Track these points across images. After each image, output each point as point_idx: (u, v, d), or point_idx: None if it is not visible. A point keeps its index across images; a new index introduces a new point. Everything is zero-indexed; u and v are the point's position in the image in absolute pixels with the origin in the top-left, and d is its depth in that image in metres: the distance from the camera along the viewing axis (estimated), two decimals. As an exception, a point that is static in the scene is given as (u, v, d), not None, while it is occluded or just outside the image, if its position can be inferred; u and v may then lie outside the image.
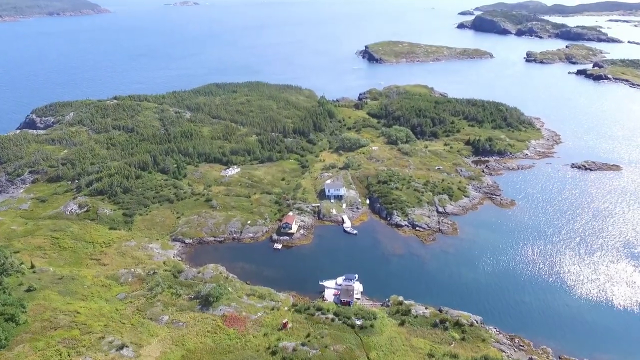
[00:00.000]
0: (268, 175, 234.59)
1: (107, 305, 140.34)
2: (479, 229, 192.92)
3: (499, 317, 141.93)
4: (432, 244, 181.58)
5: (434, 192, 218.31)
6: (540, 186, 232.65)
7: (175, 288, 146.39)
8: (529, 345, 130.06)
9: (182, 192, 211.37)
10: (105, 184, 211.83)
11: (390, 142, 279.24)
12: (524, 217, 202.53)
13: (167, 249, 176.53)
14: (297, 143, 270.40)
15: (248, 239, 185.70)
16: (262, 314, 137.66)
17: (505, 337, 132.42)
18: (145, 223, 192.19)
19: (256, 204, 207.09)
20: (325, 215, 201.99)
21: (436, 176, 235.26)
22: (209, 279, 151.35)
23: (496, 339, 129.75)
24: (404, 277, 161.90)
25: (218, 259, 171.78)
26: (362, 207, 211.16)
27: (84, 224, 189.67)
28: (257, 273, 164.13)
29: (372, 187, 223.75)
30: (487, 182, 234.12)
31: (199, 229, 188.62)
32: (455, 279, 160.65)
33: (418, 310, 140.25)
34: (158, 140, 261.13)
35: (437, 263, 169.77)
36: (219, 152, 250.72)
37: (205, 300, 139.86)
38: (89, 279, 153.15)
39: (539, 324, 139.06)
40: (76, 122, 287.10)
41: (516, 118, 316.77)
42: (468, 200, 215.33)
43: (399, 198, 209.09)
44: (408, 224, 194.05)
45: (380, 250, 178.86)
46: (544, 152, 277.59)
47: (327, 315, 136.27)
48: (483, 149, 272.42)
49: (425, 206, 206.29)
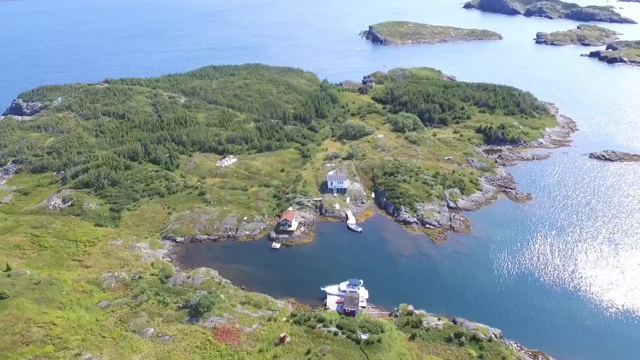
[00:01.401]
0: (266, 165, 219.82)
1: (87, 314, 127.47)
2: (493, 226, 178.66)
3: (518, 330, 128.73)
4: (443, 243, 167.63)
5: (444, 185, 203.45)
6: (557, 178, 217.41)
7: (162, 295, 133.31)
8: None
9: (174, 185, 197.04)
10: (92, 175, 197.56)
11: (397, 129, 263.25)
12: (542, 212, 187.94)
13: (156, 249, 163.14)
14: (297, 130, 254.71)
15: (244, 237, 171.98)
16: (257, 326, 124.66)
17: (528, 354, 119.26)
18: (134, 219, 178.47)
19: (253, 197, 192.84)
20: (328, 211, 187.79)
21: (446, 167, 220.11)
22: (200, 284, 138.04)
23: (518, 356, 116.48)
24: (414, 281, 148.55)
25: (211, 260, 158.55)
26: (367, 201, 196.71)
27: (68, 220, 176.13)
28: (253, 276, 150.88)
29: (377, 179, 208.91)
30: (500, 173, 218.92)
31: (191, 225, 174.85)
32: (469, 283, 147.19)
33: (430, 321, 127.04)
34: (150, 127, 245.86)
35: (450, 265, 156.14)
36: (215, 141, 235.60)
37: (195, 310, 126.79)
38: (69, 283, 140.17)
39: (564, 337, 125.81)
40: (64, 108, 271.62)
41: (529, 104, 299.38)
42: (481, 194, 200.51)
43: (406, 192, 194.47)
44: (417, 221, 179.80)
45: (387, 250, 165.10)
46: (560, 140, 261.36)
47: (329, 328, 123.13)
48: (495, 137, 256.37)
49: (435, 201, 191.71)
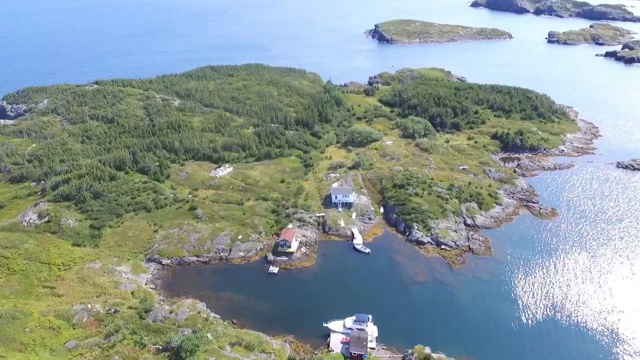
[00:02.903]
0: (265, 176, 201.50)
1: (51, 358, 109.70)
2: (517, 247, 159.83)
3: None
4: (461, 268, 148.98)
5: (460, 198, 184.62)
6: (583, 190, 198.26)
7: (139, 334, 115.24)
8: None
9: (163, 199, 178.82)
10: (73, 187, 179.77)
11: (407, 135, 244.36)
12: (569, 230, 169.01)
13: (139, 273, 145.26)
14: (299, 136, 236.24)
15: (238, 259, 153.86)
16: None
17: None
18: (116, 238, 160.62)
19: (250, 213, 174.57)
20: (332, 228, 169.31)
21: (461, 178, 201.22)
22: (184, 321, 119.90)
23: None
24: (429, 315, 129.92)
25: (200, 287, 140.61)
26: (375, 217, 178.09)
27: (43, 239, 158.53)
28: (247, 308, 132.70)
29: (386, 192, 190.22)
30: (521, 185, 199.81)
31: (179, 246, 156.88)
32: (493, 319, 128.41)
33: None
34: (140, 132, 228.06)
35: (470, 295, 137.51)
36: (210, 148, 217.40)
37: (177, 354, 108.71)
38: (35, 317, 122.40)
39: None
40: (50, 111, 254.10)
41: (547, 107, 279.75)
42: (501, 209, 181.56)
43: (419, 207, 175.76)
44: (431, 241, 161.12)
45: (398, 275, 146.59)
46: (583, 147, 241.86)
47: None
48: (513, 144, 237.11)
49: (450, 217, 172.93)
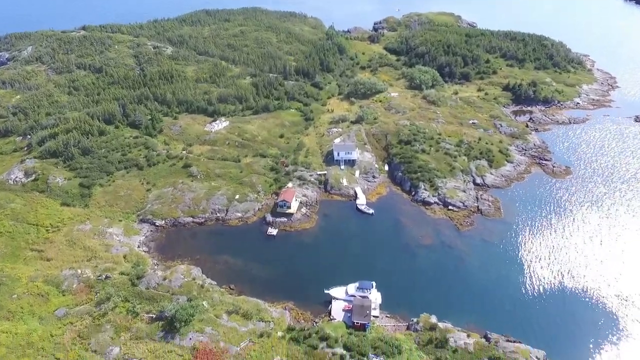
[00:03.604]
0: (263, 130, 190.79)
1: (40, 327, 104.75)
2: (528, 208, 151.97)
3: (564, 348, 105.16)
4: (469, 231, 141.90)
5: (469, 156, 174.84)
6: (599, 146, 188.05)
7: (132, 302, 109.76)
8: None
9: (155, 155, 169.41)
10: (60, 143, 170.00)
11: (413, 86, 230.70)
12: (584, 191, 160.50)
13: (131, 235, 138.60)
14: (299, 87, 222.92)
15: (235, 220, 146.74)
16: (246, 344, 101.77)
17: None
18: (107, 197, 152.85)
19: (247, 171, 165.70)
20: (334, 187, 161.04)
21: (471, 133, 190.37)
22: (178, 288, 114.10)
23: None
24: (435, 281, 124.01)
25: (195, 250, 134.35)
26: (380, 175, 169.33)
27: (31, 198, 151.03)
28: (245, 272, 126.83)
29: (391, 148, 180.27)
30: (533, 141, 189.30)
31: (173, 206, 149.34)
32: (501, 285, 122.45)
33: (458, 339, 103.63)
34: (131, 83, 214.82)
35: (478, 259, 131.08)
36: (204, 100, 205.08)
37: (170, 324, 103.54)
38: (23, 282, 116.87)
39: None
40: (34, 59, 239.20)
41: (563, 56, 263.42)
42: (512, 167, 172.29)
43: (426, 165, 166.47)
44: (438, 201, 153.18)
45: (403, 238, 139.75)
46: (599, 100, 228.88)
47: (334, 349, 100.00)
48: (525, 96, 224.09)
49: (459, 176, 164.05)
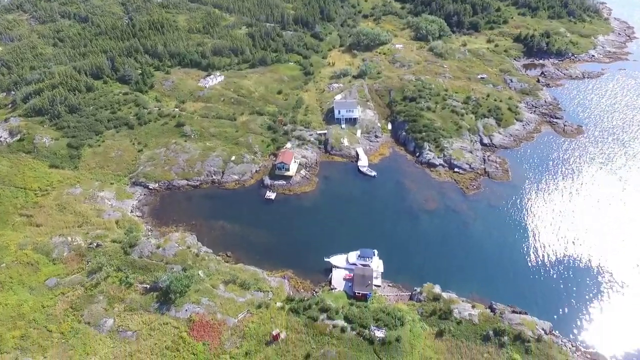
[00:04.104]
0: (260, 85, 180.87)
1: (31, 298, 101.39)
2: (537, 170, 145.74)
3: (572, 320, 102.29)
4: (475, 195, 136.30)
5: (476, 114, 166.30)
6: (613, 103, 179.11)
7: (124, 272, 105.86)
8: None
9: (147, 113, 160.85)
10: (46, 99, 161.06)
11: (419, 37, 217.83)
12: (596, 151, 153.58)
13: (124, 199, 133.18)
14: (298, 38, 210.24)
15: (232, 183, 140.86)
16: (244, 316, 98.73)
17: (586, 358, 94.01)
18: (97, 158, 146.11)
19: (243, 130, 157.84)
20: (334, 148, 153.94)
21: (479, 89, 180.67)
22: (173, 257, 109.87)
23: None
24: (440, 247, 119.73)
25: (191, 215, 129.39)
26: (383, 135, 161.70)
27: (17, 159, 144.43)
28: (242, 239, 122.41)
29: (395, 105, 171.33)
30: (544, 97, 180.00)
31: (166, 168, 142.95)
32: (509, 252, 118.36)
33: (462, 310, 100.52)
34: (119, 34, 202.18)
35: (484, 225, 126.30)
36: (197, 52, 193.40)
37: (165, 295, 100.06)
38: (12, 250, 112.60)
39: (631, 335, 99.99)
40: (14, 7, 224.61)
41: (579, 4, 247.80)
42: (521, 125, 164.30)
43: (431, 124, 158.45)
44: (443, 163, 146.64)
45: (406, 202, 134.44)
46: (615, 52, 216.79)
47: (335, 321, 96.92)
48: (538, 48, 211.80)
49: (465, 136, 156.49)
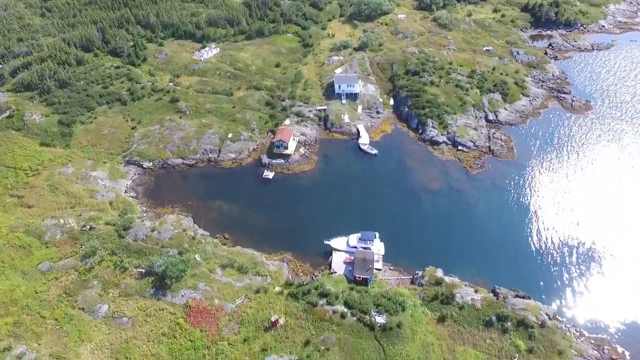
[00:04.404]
0: (257, 58, 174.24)
1: (24, 283, 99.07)
2: (543, 148, 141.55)
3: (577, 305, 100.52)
4: (479, 174, 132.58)
5: (482, 88, 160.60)
6: (623, 77, 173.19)
7: (119, 256, 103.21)
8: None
9: (140, 88, 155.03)
10: (35, 74, 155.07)
11: (423, 6, 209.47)
12: (604, 129, 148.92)
13: (118, 179, 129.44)
14: (297, 8, 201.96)
15: (229, 161, 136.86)
16: (242, 301, 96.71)
17: (590, 344, 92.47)
18: (89, 136, 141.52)
19: (240, 105, 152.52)
20: (335, 125, 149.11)
21: (485, 62, 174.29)
22: (168, 240, 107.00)
23: (578, 350, 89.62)
24: (442, 229, 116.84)
25: (186, 195, 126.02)
26: (384, 110, 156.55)
27: (7, 137, 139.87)
28: (240, 220, 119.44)
29: (398, 79, 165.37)
30: (552, 71, 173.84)
31: (161, 146, 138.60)
32: (512, 234, 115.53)
33: (465, 295, 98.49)
34: (109, 3, 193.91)
35: (487, 206, 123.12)
36: (192, 23, 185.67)
37: (161, 279, 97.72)
38: (4, 233, 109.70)
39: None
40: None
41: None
42: (527, 101, 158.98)
43: (435, 99, 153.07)
44: (447, 141, 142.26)
45: (409, 182, 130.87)
46: (626, 23, 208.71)
47: (335, 307, 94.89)
48: (546, 18, 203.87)
49: (470, 112, 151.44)
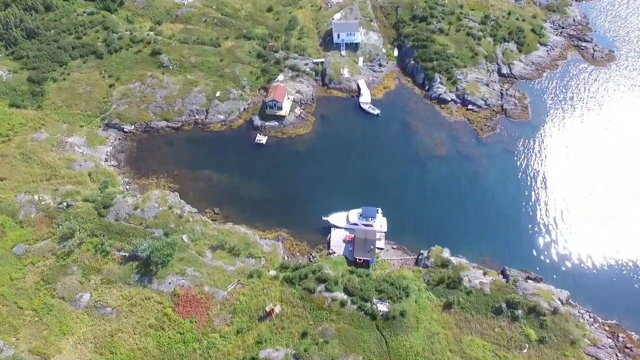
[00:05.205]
0: (247, 2, 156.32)
1: None
2: (560, 107, 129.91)
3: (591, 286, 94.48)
4: (490, 137, 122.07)
5: (495, 37, 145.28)
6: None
7: (100, 238, 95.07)
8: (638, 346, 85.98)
9: (117, 39, 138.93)
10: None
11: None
12: (629, 83, 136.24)
13: (97, 145, 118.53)
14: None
15: (217, 124, 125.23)
16: (235, 287, 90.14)
17: (604, 330, 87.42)
18: (63, 95, 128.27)
19: (229, 59, 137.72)
20: (333, 80, 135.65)
21: (499, 5, 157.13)
22: (153, 219, 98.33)
23: (592, 339, 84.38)
24: (448, 202, 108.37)
25: (172, 164, 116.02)
26: (388, 62, 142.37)
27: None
28: (231, 192, 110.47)
29: (403, 26, 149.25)
30: (573, 15, 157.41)
31: (143, 106, 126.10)
32: (523, 208, 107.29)
33: (473, 278, 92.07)
34: None
35: (497, 175, 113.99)
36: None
37: (146, 265, 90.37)
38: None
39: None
40: None
41: None
42: (545, 51, 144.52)
43: (443, 50, 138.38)
44: (456, 99, 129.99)
45: (413, 147, 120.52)
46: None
47: (334, 294, 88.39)
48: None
49: (481, 64, 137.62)
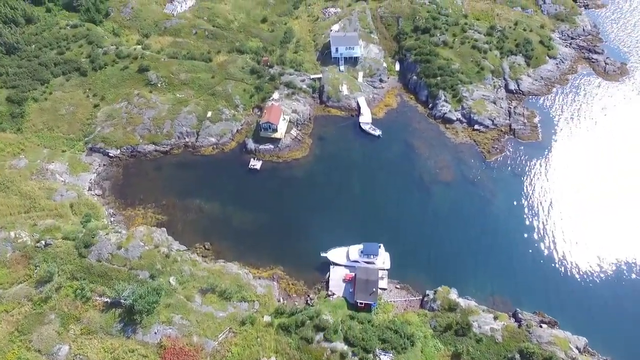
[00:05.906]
0: (240, 12, 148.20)
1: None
2: (571, 126, 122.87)
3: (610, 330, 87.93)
4: (498, 160, 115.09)
5: (502, 49, 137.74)
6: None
7: (80, 282, 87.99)
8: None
9: (102, 54, 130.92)
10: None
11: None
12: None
13: (79, 172, 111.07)
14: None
15: (209, 147, 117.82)
16: (226, 336, 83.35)
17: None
18: (45, 117, 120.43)
19: (221, 75, 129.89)
20: (331, 98, 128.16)
21: (505, 14, 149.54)
22: (137, 260, 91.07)
23: (613, 394, 78.47)
24: (454, 234, 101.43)
25: (160, 192, 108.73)
26: (389, 78, 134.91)
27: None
28: (223, 224, 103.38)
29: (404, 38, 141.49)
30: (583, 25, 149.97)
31: (129, 128, 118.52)
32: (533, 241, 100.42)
33: (483, 323, 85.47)
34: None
35: (506, 203, 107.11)
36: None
37: (129, 313, 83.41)
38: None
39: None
40: None
41: None
42: (554, 64, 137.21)
43: (448, 65, 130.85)
44: (462, 118, 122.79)
45: (416, 171, 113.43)
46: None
47: (332, 344, 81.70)
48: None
49: (488, 79, 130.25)
